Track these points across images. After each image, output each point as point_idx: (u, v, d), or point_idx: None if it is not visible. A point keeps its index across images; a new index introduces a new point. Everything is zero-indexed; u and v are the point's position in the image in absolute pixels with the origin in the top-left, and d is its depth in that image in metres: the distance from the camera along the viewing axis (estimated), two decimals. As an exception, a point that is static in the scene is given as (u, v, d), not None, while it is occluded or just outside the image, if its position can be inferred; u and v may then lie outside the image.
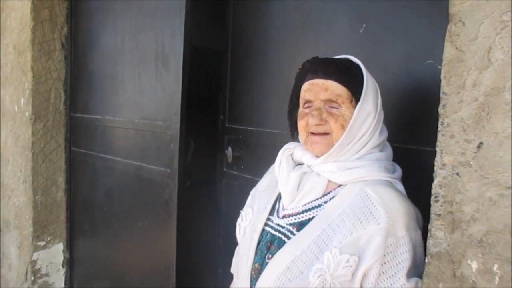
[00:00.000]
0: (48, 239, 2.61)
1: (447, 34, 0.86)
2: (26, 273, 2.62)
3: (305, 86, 1.06)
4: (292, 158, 1.13)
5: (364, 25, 1.33)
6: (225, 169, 1.93)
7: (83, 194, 2.54)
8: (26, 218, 2.57)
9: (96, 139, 2.35)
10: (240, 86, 1.86)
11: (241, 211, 1.22)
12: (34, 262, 2.58)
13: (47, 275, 2.62)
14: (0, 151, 2.86)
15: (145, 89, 2.00)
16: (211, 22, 2.02)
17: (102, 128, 2.30)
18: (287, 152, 1.14)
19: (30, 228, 2.55)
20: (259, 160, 1.75)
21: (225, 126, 1.93)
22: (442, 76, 0.87)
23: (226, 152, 1.89)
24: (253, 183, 1.77)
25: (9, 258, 2.86)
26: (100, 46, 2.33)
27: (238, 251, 1.23)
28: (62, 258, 2.67)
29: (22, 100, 2.50)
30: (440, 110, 0.87)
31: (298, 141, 1.14)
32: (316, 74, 1.04)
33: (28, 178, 2.52)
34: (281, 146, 1.66)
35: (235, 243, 1.91)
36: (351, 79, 1.02)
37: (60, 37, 2.49)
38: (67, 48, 2.52)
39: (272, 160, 1.69)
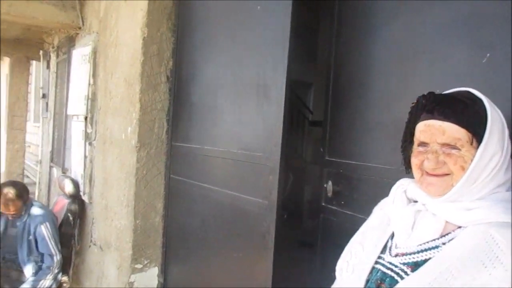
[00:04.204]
0: (145, 262, 2.71)
1: None
2: (124, 294, 2.73)
3: (420, 126, 1.00)
4: (406, 195, 1.07)
5: (488, 55, 1.22)
6: (323, 204, 1.87)
7: (179, 221, 2.62)
8: (126, 241, 2.70)
9: (195, 167, 2.42)
10: (341, 118, 1.82)
11: (348, 247, 1.16)
12: (131, 284, 2.68)
13: (142, 298, 2.71)
14: (106, 176, 3.07)
15: (245, 120, 2.03)
16: (301, 55, 2.01)
17: (201, 157, 2.37)
18: (401, 189, 1.08)
19: (129, 251, 2.67)
20: (361, 195, 1.67)
21: (325, 159, 1.88)
22: None
23: (325, 186, 1.83)
24: (354, 219, 1.71)
25: (108, 277, 3.01)
26: (202, 78, 2.44)
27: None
28: (156, 282, 2.76)
29: (129, 129, 2.68)
30: None
31: (413, 177, 1.06)
32: (432, 114, 0.97)
33: (130, 203, 2.66)
34: (386, 182, 1.60)
35: (331, 280, 1.82)
36: (472, 119, 0.93)
37: (165, 71, 2.65)
38: (171, 81, 2.67)
39: (376, 196, 1.62)
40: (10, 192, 3.05)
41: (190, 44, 2.57)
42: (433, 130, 0.96)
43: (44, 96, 5.43)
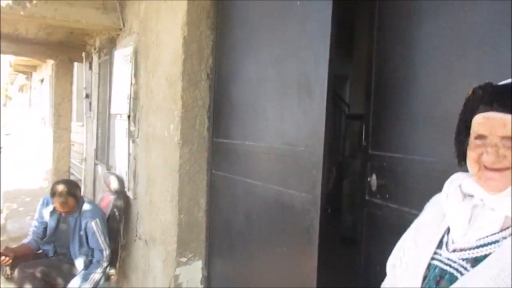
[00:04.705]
0: (189, 256, 2.78)
1: None
2: (169, 286, 2.81)
3: (478, 118, 0.97)
4: (461, 189, 1.05)
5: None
6: (367, 197, 1.87)
7: (222, 215, 2.67)
8: (171, 235, 2.78)
9: (237, 163, 2.47)
10: (385, 112, 1.80)
11: (400, 244, 1.15)
12: (176, 277, 2.76)
13: (187, 290, 2.79)
14: (150, 172, 3.16)
15: (287, 115, 2.05)
16: (336, 48, 1.99)
17: (243, 152, 2.41)
18: (455, 183, 1.05)
19: (174, 245, 2.75)
20: (407, 189, 1.66)
21: (368, 153, 1.88)
22: None
23: (369, 179, 1.83)
24: (399, 213, 1.70)
25: (154, 270, 3.11)
26: (242, 75, 2.47)
27: (395, 285, 1.16)
28: (200, 276, 2.83)
29: (171, 126, 2.75)
30: None
31: (466, 171, 1.05)
32: (491, 106, 0.94)
33: (174, 198, 2.73)
34: (432, 175, 1.58)
35: (376, 274, 1.82)
36: None
37: (206, 68, 2.70)
38: (211, 78, 2.71)
39: (421, 189, 1.61)
40: (64, 190, 3.20)
41: (229, 41, 2.61)
42: (492, 123, 0.93)
43: (87, 96, 5.64)
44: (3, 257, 3.09)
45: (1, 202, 7.29)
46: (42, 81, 10.90)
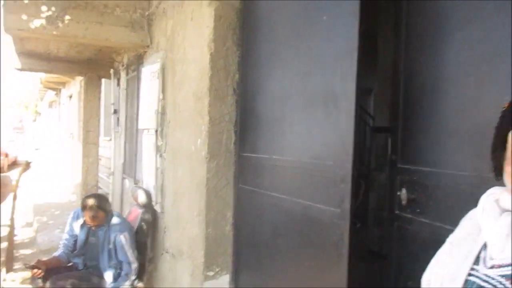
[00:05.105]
0: (217, 270, 2.79)
1: None
2: (197, 301, 2.82)
3: None
4: (498, 204, 1.03)
5: None
6: (397, 212, 1.85)
7: (248, 229, 2.68)
8: (199, 249, 2.80)
9: (264, 177, 2.48)
10: (414, 125, 1.79)
11: (435, 259, 1.14)
12: (204, 291, 2.78)
13: (215, 304, 2.79)
14: (177, 186, 3.20)
15: (314, 129, 2.05)
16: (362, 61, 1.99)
17: (270, 167, 2.42)
18: (492, 198, 1.04)
19: (202, 259, 2.76)
20: (438, 203, 1.64)
21: (397, 166, 1.86)
22: None
23: (399, 193, 1.81)
24: (431, 228, 1.68)
25: (181, 284, 3.13)
26: (268, 89, 2.50)
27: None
28: (228, 290, 2.83)
29: (199, 140, 2.79)
30: None
31: (503, 185, 1.03)
32: None
33: (201, 212, 2.76)
34: (464, 189, 1.56)
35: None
36: None
37: (232, 84, 2.74)
38: (237, 93, 2.75)
39: (453, 203, 1.59)
40: (94, 204, 3.28)
41: (255, 56, 2.64)
42: None
43: (115, 111, 5.77)
44: (35, 270, 3.16)
45: (32, 215, 7.48)
46: (70, 97, 11.22)
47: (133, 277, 3.29)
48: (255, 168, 2.59)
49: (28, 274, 4.11)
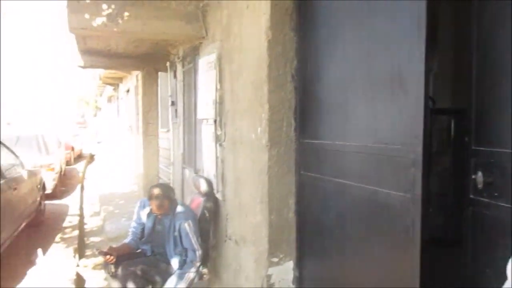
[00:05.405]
0: (281, 256, 2.82)
1: None
2: (262, 286, 2.86)
3: None
4: None
5: None
6: (472, 196, 1.77)
7: (312, 216, 2.67)
8: (262, 236, 2.83)
9: (326, 163, 2.45)
10: (489, 105, 1.70)
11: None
12: (269, 277, 2.81)
13: (280, 289, 2.82)
14: (238, 174, 3.24)
15: (380, 113, 2.00)
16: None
17: (332, 152, 2.39)
18: None
19: (265, 245, 2.79)
20: (519, 186, 1.55)
21: (470, 148, 1.77)
22: None
23: (474, 177, 1.73)
24: (510, 212, 1.59)
25: (246, 270, 3.18)
26: (328, 74, 2.46)
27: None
28: (292, 276, 2.85)
29: (259, 129, 2.80)
30: None
31: None
32: None
33: (264, 199, 2.78)
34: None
35: (485, 278, 1.71)
36: None
37: (290, 70, 2.72)
38: (296, 80, 2.73)
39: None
40: (160, 193, 3.41)
41: (313, 41, 2.60)
42: None
43: (173, 103, 5.92)
44: (108, 256, 3.33)
45: (98, 205, 7.90)
46: (128, 91, 11.65)
47: (198, 264, 3.39)
48: (316, 154, 2.57)
49: (99, 260, 4.36)
